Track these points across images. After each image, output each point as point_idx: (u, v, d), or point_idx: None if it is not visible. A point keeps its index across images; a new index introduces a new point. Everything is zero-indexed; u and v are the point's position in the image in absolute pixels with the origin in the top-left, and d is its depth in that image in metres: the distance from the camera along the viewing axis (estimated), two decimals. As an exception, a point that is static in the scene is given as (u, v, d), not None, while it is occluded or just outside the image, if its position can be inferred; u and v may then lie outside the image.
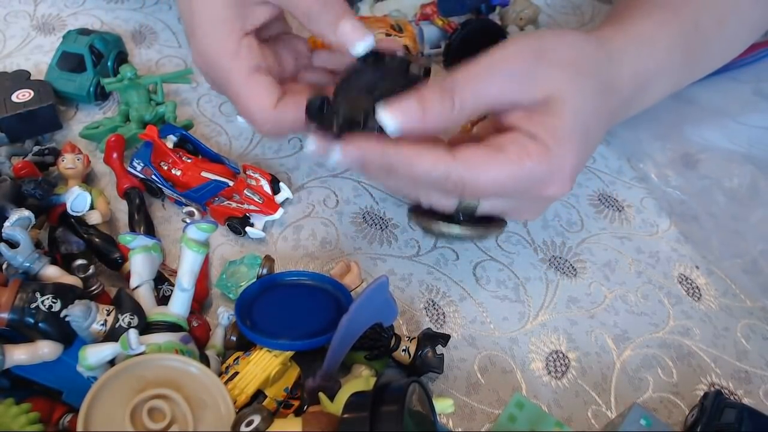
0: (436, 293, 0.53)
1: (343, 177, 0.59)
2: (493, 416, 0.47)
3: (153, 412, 0.38)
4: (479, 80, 0.42)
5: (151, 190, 0.55)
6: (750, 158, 0.59)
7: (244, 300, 0.47)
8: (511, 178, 0.42)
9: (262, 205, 0.54)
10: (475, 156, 0.41)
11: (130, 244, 0.46)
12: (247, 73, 0.46)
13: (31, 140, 0.56)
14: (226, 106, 0.64)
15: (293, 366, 0.44)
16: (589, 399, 0.49)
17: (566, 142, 0.42)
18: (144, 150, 0.55)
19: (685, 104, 0.65)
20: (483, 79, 0.42)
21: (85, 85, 0.60)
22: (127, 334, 0.39)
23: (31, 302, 0.40)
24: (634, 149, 0.62)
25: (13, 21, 0.69)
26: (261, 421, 0.38)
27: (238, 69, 0.46)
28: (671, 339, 0.52)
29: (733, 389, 0.50)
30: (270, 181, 0.56)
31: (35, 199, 0.48)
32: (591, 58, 0.44)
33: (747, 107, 0.65)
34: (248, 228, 0.53)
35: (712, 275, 0.56)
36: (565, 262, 0.56)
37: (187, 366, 0.40)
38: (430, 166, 0.41)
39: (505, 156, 0.41)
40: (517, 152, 0.41)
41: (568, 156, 0.42)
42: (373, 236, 0.56)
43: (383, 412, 0.35)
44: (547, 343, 0.51)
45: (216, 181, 0.54)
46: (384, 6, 0.73)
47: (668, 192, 0.59)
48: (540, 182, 0.42)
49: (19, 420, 0.38)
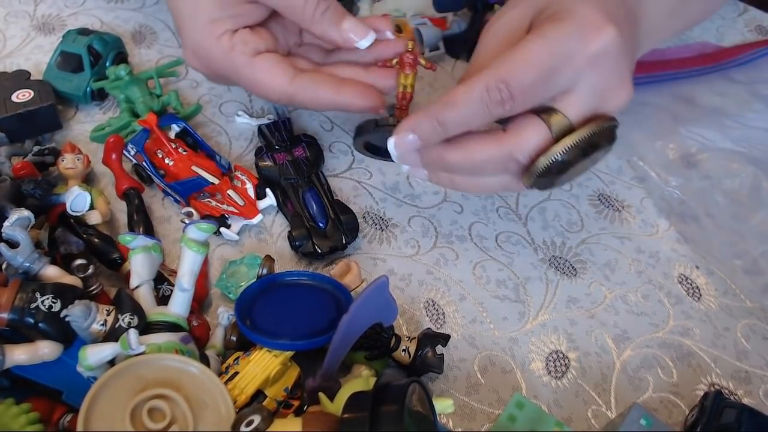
0: (436, 293, 0.53)
1: (343, 177, 0.59)
2: (493, 416, 0.47)
3: (153, 412, 0.38)
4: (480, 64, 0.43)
5: (141, 177, 0.56)
6: (752, 159, 0.59)
7: (244, 300, 0.47)
8: (542, 53, 0.41)
9: (241, 208, 0.54)
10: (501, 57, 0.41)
11: (129, 244, 0.46)
12: (249, 59, 0.48)
13: (31, 140, 0.56)
14: (226, 107, 0.64)
15: (293, 366, 0.44)
16: (589, 399, 0.49)
17: (573, 6, 0.42)
18: (140, 136, 0.55)
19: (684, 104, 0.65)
20: (481, 59, 0.44)
21: (82, 85, 0.60)
22: (127, 334, 0.39)
23: (31, 302, 0.40)
24: (634, 149, 0.62)
25: (13, 21, 0.69)
26: (261, 421, 0.38)
27: (239, 59, 0.48)
28: (671, 339, 0.52)
29: (733, 389, 0.50)
30: (255, 186, 0.56)
31: (35, 199, 0.48)
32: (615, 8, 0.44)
33: (744, 107, 0.65)
34: (223, 229, 0.53)
35: (712, 275, 0.56)
36: (565, 262, 0.56)
37: (187, 366, 0.40)
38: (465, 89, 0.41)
39: (524, 42, 0.41)
40: (532, 34, 0.41)
41: (582, 8, 0.41)
42: (373, 236, 0.56)
43: (383, 412, 0.35)
44: (547, 343, 0.51)
45: (200, 177, 0.54)
46: (383, 6, 0.73)
47: (668, 192, 0.59)
48: (576, 40, 0.41)
49: (19, 420, 0.38)
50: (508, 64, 0.41)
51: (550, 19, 0.42)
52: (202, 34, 0.48)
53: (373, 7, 0.74)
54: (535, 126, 0.43)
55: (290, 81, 0.48)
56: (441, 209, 0.58)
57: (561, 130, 0.42)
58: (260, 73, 0.48)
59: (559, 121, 0.42)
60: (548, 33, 0.41)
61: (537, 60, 0.40)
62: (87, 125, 0.61)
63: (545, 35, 0.41)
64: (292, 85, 0.48)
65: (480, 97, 0.41)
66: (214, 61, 0.49)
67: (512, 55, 0.41)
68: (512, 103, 0.41)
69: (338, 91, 0.49)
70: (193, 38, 0.49)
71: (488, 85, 0.41)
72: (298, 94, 0.48)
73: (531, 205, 0.59)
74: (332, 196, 0.56)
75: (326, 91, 0.49)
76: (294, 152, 0.58)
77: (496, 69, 0.41)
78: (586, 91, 0.43)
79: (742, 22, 0.77)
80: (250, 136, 0.62)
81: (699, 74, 0.68)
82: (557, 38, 0.41)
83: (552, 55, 0.41)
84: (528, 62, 0.40)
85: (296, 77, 0.48)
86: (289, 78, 0.48)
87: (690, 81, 0.67)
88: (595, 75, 0.42)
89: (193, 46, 0.49)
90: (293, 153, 0.57)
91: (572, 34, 0.41)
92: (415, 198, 0.59)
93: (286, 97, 0.49)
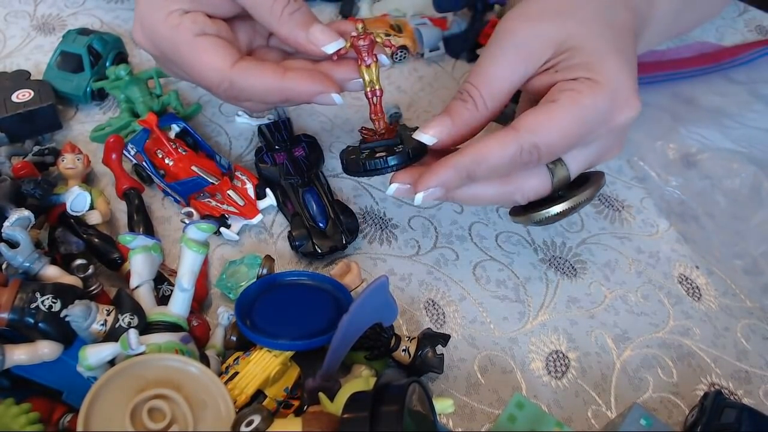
0: (436, 293, 0.53)
1: (343, 177, 0.59)
2: (493, 416, 0.47)
3: (153, 412, 0.38)
4: (489, 73, 0.44)
5: (142, 177, 0.56)
6: (752, 159, 0.59)
7: (244, 300, 0.47)
8: (577, 121, 0.42)
9: (241, 208, 0.54)
10: (536, 118, 0.42)
11: (130, 244, 0.46)
12: (192, 37, 0.46)
13: (31, 140, 0.56)
14: (226, 107, 0.64)
15: (293, 366, 0.44)
16: (589, 399, 0.49)
17: (607, 68, 0.42)
18: (140, 136, 0.55)
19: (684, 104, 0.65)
20: (493, 69, 0.44)
21: (82, 85, 0.60)
22: (127, 334, 0.39)
23: (31, 302, 0.40)
24: (634, 149, 0.62)
25: (13, 21, 0.69)
26: (261, 421, 0.38)
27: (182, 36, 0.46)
28: (671, 339, 0.52)
29: (733, 389, 0.50)
30: (255, 186, 0.56)
31: (35, 199, 0.48)
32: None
33: (744, 107, 0.65)
34: (223, 229, 0.53)
35: (712, 275, 0.56)
36: (565, 262, 0.56)
37: (187, 366, 0.40)
38: (499, 148, 0.42)
39: (560, 105, 0.42)
40: (569, 96, 0.42)
41: (618, 76, 0.43)
42: (373, 236, 0.56)
43: (383, 412, 0.35)
44: (547, 343, 0.51)
45: (200, 177, 0.54)
46: (383, 5, 0.73)
47: (668, 192, 0.59)
48: (607, 112, 0.43)
49: (19, 420, 0.38)
50: (543, 131, 0.42)
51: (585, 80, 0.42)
52: (154, 8, 0.46)
53: (373, 7, 0.74)
54: (542, 175, 0.45)
55: (231, 64, 0.46)
56: (441, 209, 0.58)
57: (560, 181, 0.46)
58: (200, 53, 0.46)
59: (562, 173, 0.45)
60: (583, 101, 0.42)
61: (570, 129, 0.42)
62: (87, 125, 0.61)
63: (580, 103, 0.42)
64: (233, 68, 0.46)
65: (512, 157, 0.42)
66: (158, 36, 0.47)
67: (547, 121, 0.42)
68: (539, 161, 0.43)
69: (284, 76, 0.46)
70: (144, 11, 0.47)
71: (522, 148, 0.42)
72: (239, 78, 0.46)
73: (531, 205, 0.59)
74: (332, 196, 0.56)
75: (271, 76, 0.46)
76: (294, 152, 0.58)
77: (532, 133, 0.42)
78: (594, 151, 0.45)
79: (742, 22, 0.77)
80: (250, 136, 0.62)
81: (699, 74, 0.68)
82: (592, 107, 0.42)
83: (584, 124, 0.42)
84: (562, 130, 0.42)
85: (239, 61, 0.46)
86: (230, 62, 0.46)
87: (690, 81, 0.67)
88: (607, 141, 0.45)
89: (142, 19, 0.47)
90: (293, 153, 0.57)
91: (606, 105, 0.42)
92: (415, 198, 0.59)
93: (227, 81, 0.46)
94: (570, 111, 0.42)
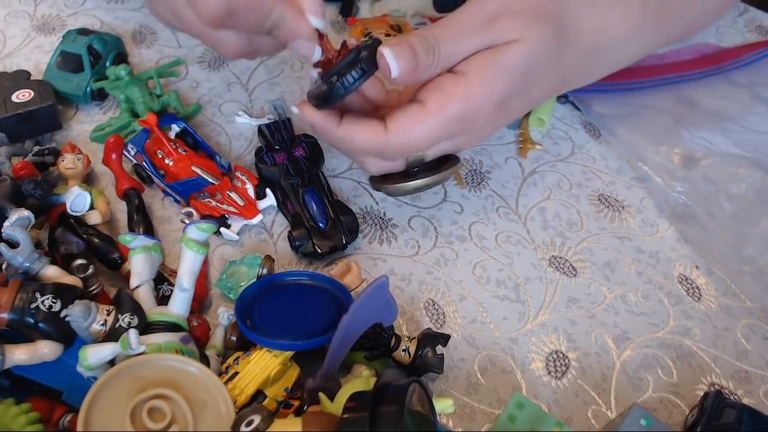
0: (436, 293, 0.53)
1: (343, 177, 0.59)
2: (493, 416, 0.47)
3: (153, 412, 0.38)
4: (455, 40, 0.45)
5: (142, 177, 0.56)
6: (757, 163, 0.59)
7: (244, 300, 0.47)
8: (438, 129, 0.45)
9: (241, 208, 0.54)
10: (403, 122, 0.45)
11: (130, 244, 0.46)
12: None
13: (31, 140, 0.56)
14: (226, 107, 0.64)
15: (293, 366, 0.44)
16: (589, 399, 0.49)
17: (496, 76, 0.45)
18: (140, 136, 0.55)
19: (686, 107, 0.65)
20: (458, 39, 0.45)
21: (82, 85, 0.60)
22: (127, 334, 0.39)
23: (31, 302, 0.40)
24: (635, 151, 0.62)
25: (13, 21, 0.69)
26: (261, 421, 0.38)
27: None
28: (671, 339, 0.52)
29: (733, 389, 0.50)
30: (255, 186, 0.56)
31: (35, 199, 0.48)
32: (547, 8, 0.47)
33: (745, 110, 0.65)
34: (223, 229, 0.53)
35: (712, 275, 0.56)
36: (565, 262, 0.56)
37: (187, 366, 0.40)
38: (367, 140, 0.46)
39: (426, 110, 0.45)
40: (437, 100, 0.45)
41: (494, 89, 0.45)
42: (373, 236, 0.56)
43: (383, 412, 0.35)
44: (547, 343, 0.51)
45: (200, 177, 0.54)
46: (383, 5, 0.73)
47: (671, 195, 0.59)
48: (468, 120, 0.46)
49: (19, 420, 0.38)
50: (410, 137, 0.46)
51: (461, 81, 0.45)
52: None
53: (373, 7, 0.74)
54: None
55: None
56: (441, 209, 0.58)
57: (415, 161, 0.49)
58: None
59: (417, 155, 0.48)
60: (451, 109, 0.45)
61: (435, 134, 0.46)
62: (87, 125, 0.61)
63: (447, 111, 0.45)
64: None
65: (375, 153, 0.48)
66: None
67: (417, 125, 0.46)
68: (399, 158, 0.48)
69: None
70: None
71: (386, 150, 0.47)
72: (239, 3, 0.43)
73: (531, 205, 0.59)
74: (332, 196, 0.56)
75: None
76: (294, 152, 0.58)
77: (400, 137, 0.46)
78: (452, 144, 0.49)
79: (743, 22, 0.77)
80: (250, 136, 0.62)
81: (700, 77, 0.68)
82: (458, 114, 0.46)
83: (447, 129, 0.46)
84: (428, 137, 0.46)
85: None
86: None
87: (691, 84, 0.67)
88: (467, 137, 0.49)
89: None
90: (293, 153, 0.57)
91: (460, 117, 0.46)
92: (415, 198, 0.59)
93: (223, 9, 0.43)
94: (435, 118, 0.45)
